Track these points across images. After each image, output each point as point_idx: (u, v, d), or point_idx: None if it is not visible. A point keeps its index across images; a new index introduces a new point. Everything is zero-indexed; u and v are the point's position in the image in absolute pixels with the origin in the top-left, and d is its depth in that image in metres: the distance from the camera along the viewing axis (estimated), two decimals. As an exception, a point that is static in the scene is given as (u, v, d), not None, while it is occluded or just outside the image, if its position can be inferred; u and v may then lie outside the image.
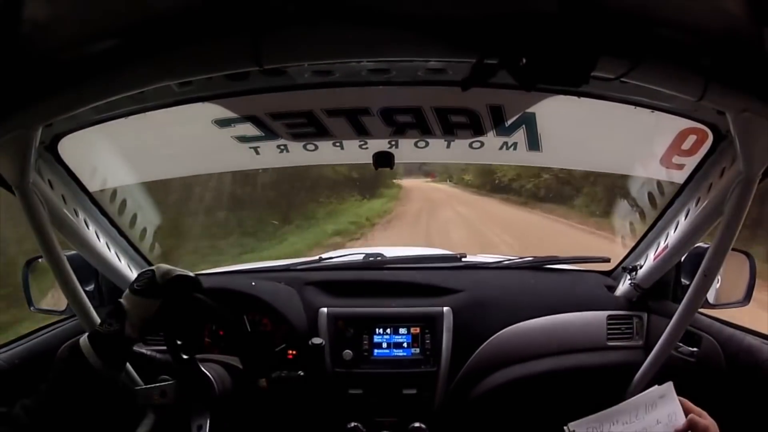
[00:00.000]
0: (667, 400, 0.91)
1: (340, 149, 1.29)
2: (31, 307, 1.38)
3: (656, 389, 0.93)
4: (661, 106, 1.03)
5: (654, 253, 1.33)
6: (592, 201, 9.16)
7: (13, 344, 1.22)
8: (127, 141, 1.22)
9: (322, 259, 1.67)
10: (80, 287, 1.12)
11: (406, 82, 1.02)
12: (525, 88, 0.75)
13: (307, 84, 1.01)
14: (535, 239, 7.67)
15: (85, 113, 0.95)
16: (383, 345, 1.38)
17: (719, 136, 1.07)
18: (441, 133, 1.21)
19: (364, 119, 1.17)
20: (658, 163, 1.24)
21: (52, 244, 1.03)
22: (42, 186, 1.03)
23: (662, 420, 0.90)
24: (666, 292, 1.40)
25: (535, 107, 1.14)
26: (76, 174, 1.18)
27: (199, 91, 1.02)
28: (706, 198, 1.12)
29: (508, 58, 0.72)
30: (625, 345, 1.41)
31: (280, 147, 1.28)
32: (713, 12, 0.70)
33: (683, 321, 1.16)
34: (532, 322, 1.41)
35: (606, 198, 8.05)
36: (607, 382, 1.35)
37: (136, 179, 1.39)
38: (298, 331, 1.38)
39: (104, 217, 1.30)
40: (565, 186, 10.40)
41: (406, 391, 1.36)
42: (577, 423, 0.94)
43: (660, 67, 0.78)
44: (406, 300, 1.44)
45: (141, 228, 1.47)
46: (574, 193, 10.11)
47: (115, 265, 1.31)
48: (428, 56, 0.84)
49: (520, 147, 1.26)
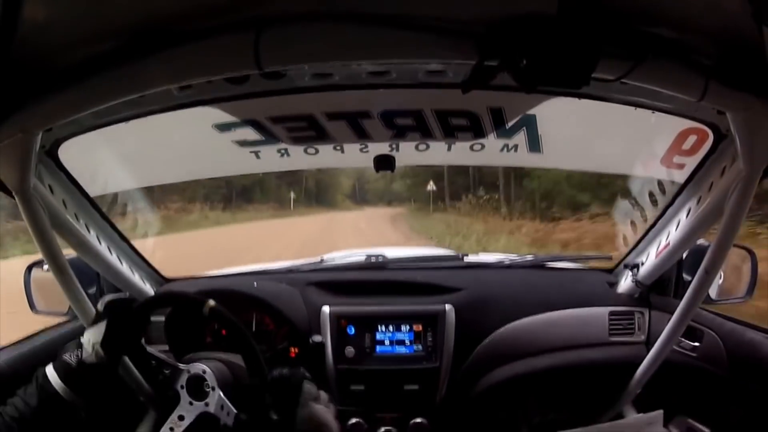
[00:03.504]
0: (653, 429, 0.89)
1: (341, 153, 1.29)
2: (34, 310, 1.39)
3: (645, 416, 0.90)
4: (662, 106, 1.03)
5: (656, 251, 1.33)
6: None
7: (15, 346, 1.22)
8: (128, 145, 1.21)
9: (323, 260, 1.68)
10: (82, 290, 1.12)
11: (407, 85, 1.01)
12: (525, 89, 0.75)
13: (307, 87, 1.01)
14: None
15: (85, 118, 0.95)
16: (385, 342, 1.39)
17: (720, 135, 1.07)
18: (441, 135, 1.21)
19: (364, 122, 1.16)
20: (659, 163, 1.24)
21: (54, 249, 1.03)
22: (42, 191, 1.02)
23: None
24: (668, 289, 1.41)
25: (536, 109, 1.14)
26: (77, 178, 1.18)
27: (199, 95, 1.01)
28: (707, 197, 1.12)
29: (509, 60, 0.72)
30: (627, 341, 1.41)
31: (281, 151, 1.28)
32: (713, 12, 0.70)
33: (685, 317, 1.17)
34: (533, 318, 1.41)
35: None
36: (609, 378, 1.36)
37: (137, 183, 1.39)
38: (300, 330, 1.39)
39: (105, 221, 1.30)
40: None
41: (408, 387, 1.36)
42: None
43: (660, 68, 0.77)
44: (408, 299, 1.44)
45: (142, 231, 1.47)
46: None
47: (116, 268, 1.31)
48: (428, 58, 0.84)
49: (521, 149, 1.26)
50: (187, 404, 0.95)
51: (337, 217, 15.41)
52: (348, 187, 19.69)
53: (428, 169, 12.45)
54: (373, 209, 17.21)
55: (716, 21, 0.71)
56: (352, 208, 17.96)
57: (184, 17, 0.73)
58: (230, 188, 10.62)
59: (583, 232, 8.08)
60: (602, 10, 0.69)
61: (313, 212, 15.70)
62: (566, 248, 7.80)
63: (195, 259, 6.74)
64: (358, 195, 19.73)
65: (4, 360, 1.16)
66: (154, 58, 0.76)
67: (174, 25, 0.74)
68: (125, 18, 0.72)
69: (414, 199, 15.75)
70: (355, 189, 19.98)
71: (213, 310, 0.92)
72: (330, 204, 17.82)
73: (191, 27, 0.74)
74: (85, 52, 0.77)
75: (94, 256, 1.23)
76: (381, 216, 15.29)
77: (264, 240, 10.32)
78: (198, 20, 0.73)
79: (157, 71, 0.79)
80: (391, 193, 17.87)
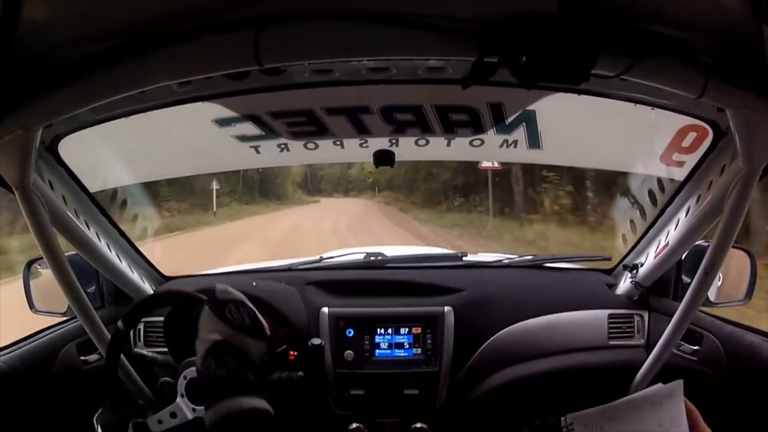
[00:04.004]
0: (673, 401, 0.85)
1: (341, 148, 1.29)
2: (33, 308, 1.38)
3: (664, 387, 0.88)
4: (661, 103, 1.03)
5: (654, 251, 1.33)
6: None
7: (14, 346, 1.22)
8: (128, 141, 1.21)
9: (322, 258, 1.68)
10: (81, 288, 1.12)
11: (407, 81, 1.02)
12: (525, 86, 0.75)
13: (307, 83, 1.01)
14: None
15: (85, 113, 0.95)
16: (384, 345, 1.38)
17: (719, 133, 1.07)
18: (441, 131, 1.21)
19: (364, 118, 1.17)
20: (659, 160, 1.23)
21: (53, 245, 1.03)
22: (42, 186, 1.03)
23: (664, 423, 0.84)
24: (667, 290, 1.40)
25: (536, 105, 1.14)
26: (77, 174, 1.18)
27: (199, 91, 1.01)
28: (707, 195, 1.12)
29: (509, 57, 0.72)
30: (627, 344, 1.41)
31: (281, 146, 1.28)
32: (713, 9, 0.70)
33: (684, 319, 1.16)
34: (533, 321, 1.41)
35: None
36: (608, 382, 1.35)
37: (137, 179, 1.39)
38: (299, 332, 1.38)
39: (105, 218, 1.30)
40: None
41: (407, 391, 1.36)
42: (575, 415, 0.90)
43: (660, 64, 0.77)
44: (407, 299, 1.44)
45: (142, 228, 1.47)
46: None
47: (116, 266, 1.31)
48: (428, 55, 0.84)
49: (521, 145, 1.26)
50: (186, 408, 0.95)
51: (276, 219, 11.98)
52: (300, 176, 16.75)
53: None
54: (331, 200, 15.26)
55: (716, 18, 0.71)
56: (305, 201, 15.28)
57: (185, 14, 0.73)
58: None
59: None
60: (602, 6, 0.69)
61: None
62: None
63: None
64: (311, 184, 17.58)
65: (4, 360, 1.15)
66: (155, 55, 0.76)
67: (174, 22, 0.74)
68: (126, 15, 0.72)
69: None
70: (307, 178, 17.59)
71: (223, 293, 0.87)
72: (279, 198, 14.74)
73: (191, 24, 0.74)
74: (86, 49, 0.77)
75: (93, 254, 1.23)
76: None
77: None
78: (198, 17, 0.73)
79: (158, 68, 0.79)
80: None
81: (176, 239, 8.04)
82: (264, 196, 11.23)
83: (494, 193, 10.26)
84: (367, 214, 12.15)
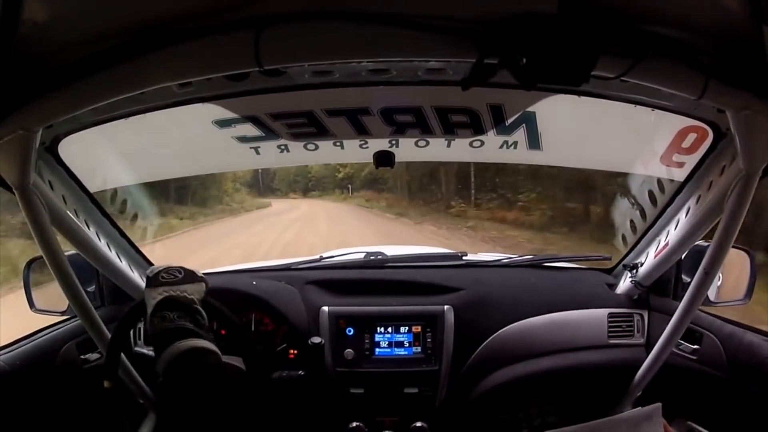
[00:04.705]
0: (651, 423, 0.87)
1: (341, 149, 1.29)
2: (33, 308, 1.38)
3: (644, 409, 0.89)
4: (661, 104, 1.03)
5: (654, 251, 1.33)
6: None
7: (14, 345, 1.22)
8: (128, 142, 1.21)
9: (322, 257, 1.68)
10: (81, 288, 1.12)
11: (407, 82, 1.02)
12: (525, 87, 0.75)
13: (307, 84, 1.01)
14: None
15: (85, 114, 0.95)
16: (384, 344, 1.39)
17: (719, 134, 1.07)
18: (441, 132, 1.21)
19: (364, 119, 1.17)
20: (659, 161, 1.23)
21: (53, 245, 1.03)
22: (42, 187, 1.03)
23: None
24: (667, 290, 1.41)
25: (536, 106, 1.14)
26: (77, 175, 1.18)
27: (199, 92, 1.01)
28: (707, 196, 1.12)
29: (509, 58, 0.72)
30: (627, 343, 1.41)
31: (281, 147, 1.28)
32: (713, 11, 0.70)
33: (684, 318, 1.17)
34: (533, 320, 1.41)
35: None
36: (608, 380, 1.36)
37: (136, 180, 1.39)
38: (299, 331, 1.38)
39: (105, 218, 1.30)
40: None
41: (407, 390, 1.36)
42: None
43: (660, 65, 0.77)
44: (407, 298, 1.44)
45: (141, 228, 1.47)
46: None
47: (115, 266, 1.32)
48: (428, 56, 0.84)
49: (521, 146, 1.26)
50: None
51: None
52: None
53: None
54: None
55: (716, 20, 0.71)
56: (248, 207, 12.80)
57: (185, 15, 0.73)
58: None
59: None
60: (602, 8, 0.69)
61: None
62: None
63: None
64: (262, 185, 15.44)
65: (5, 359, 1.16)
66: (155, 56, 0.76)
67: (175, 23, 0.74)
68: (126, 16, 0.72)
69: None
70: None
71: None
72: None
73: (192, 25, 0.74)
74: (86, 49, 0.77)
75: (93, 253, 1.24)
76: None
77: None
78: (199, 18, 0.73)
79: (158, 69, 0.79)
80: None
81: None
82: (181, 203, 6.61)
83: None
84: (348, 223, 9.45)
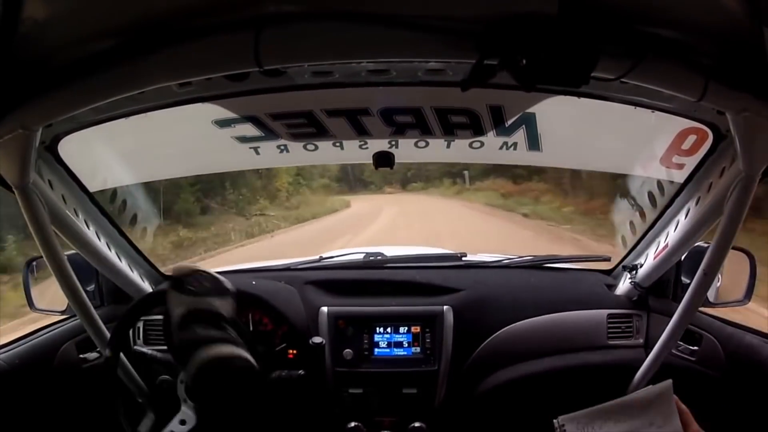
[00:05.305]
0: (663, 400, 0.87)
1: (340, 149, 1.29)
2: (32, 307, 1.39)
3: (654, 387, 0.90)
4: (661, 106, 1.03)
5: (654, 252, 1.33)
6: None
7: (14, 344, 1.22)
8: (127, 141, 1.21)
9: (322, 258, 1.68)
10: (80, 287, 1.12)
11: (406, 83, 1.02)
12: (525, 88, 0.75)
13: (306, 84, 1.01)
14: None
15: (85, 113, 0.95)
16: (383, 344, 1.39)
17: (719, 135, 1.07)
18: (441, 133, 1.21)
19: (364, 119, 1.17)
20: (658, 162, 1.23)
21: (53, 244, 1.03)
22: (42, 186, 1.03)
23: (656, 422, 0.86)
24: (666, 291, 1.41)
25: (535, 107, 1.14)
26: (76, 174, 1.18)
27: (199, 92, 1.01)
28: (707, 197, 1.12)
29: (509, 59, 0.72)
30: (626, 344, 1.41)
31: (280, 147, 1.28)
32: (713, 12, 0.70)
33: (683, 320, 1.17)
34: (532, 320, 1.41)
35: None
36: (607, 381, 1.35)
37: (136, 179, 1.39)
38: (299, 331, 1.38)
39: (104, 217, 1.30)
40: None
41: (406, 390, 1.36)
42: (567, 417, 0.92)
43: (660, 67, 0.77)
44: (406, 299, 1.44)
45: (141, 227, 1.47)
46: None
47: (115, 265, 1.32)
48: (428, 57, 0.84)
49: (520, 147, 1.26)
50: (191, 410, 0.95)
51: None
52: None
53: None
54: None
55: (716, 21, 0.71)
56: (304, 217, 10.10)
57: (185, 15, 0.73)
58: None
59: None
60: (602, 9, 0.69)
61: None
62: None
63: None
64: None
65: (4, 358, 1.16)
66: (155, 56, 0.76)
67: (174, 23, 0.74)
68: (126, 15, 0.72)
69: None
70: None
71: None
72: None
73: (192, 24, 0.74)
74: (86, 49, 0.77)
75: (92, 253, 1.24)
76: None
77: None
78: (198, 18, 0.73)
79: (158, 68, 0.79)
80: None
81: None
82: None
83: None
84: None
